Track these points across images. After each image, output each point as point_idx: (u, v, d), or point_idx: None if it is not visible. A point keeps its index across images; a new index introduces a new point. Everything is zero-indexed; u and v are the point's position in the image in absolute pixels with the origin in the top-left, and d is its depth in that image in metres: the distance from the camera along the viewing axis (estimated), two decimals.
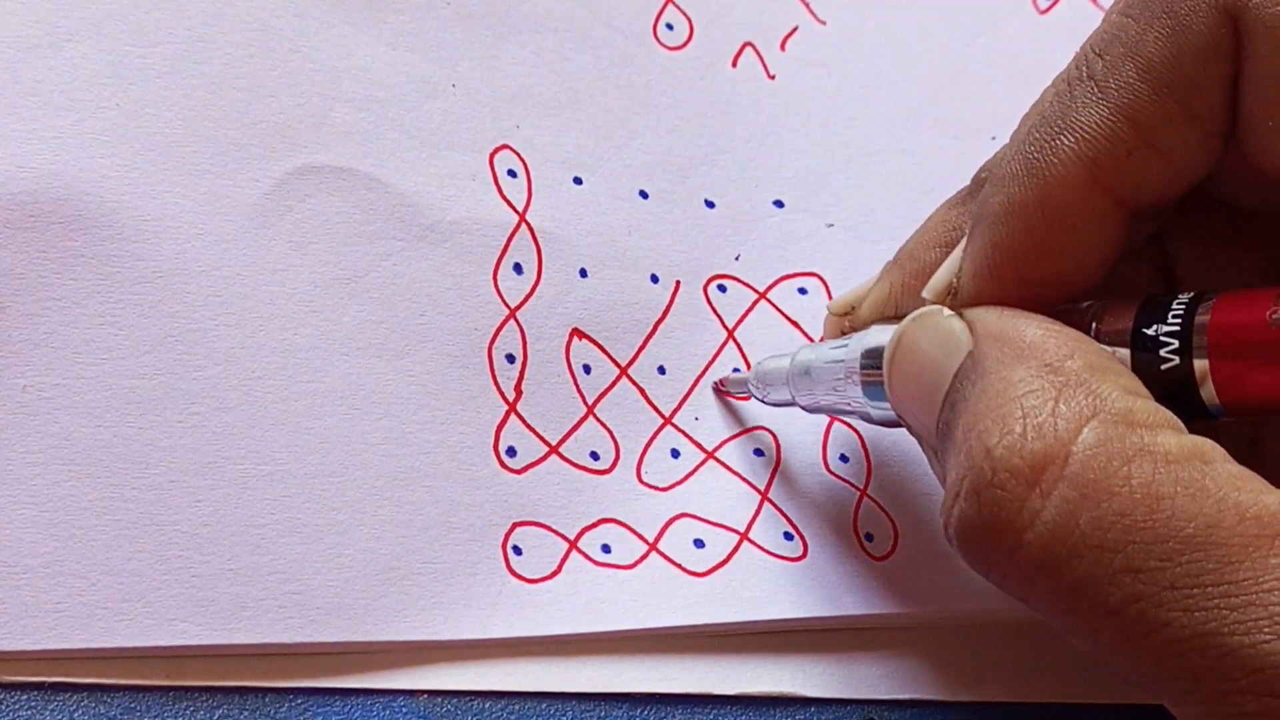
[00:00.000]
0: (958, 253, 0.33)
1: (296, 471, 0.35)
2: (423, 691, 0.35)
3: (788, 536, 0.38)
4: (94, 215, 0.36)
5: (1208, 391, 0.30)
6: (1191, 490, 0.27)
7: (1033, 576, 0.28)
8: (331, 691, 0.35)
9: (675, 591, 0.37)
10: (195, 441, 0.35)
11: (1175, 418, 0.28)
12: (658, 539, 0.37)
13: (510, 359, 0.38)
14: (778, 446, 0.39)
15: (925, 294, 0.34)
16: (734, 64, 0.43)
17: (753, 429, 0.39)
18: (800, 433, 0.39)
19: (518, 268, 0.39)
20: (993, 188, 0.32)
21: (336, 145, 0.38)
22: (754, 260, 0.41)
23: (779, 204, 0.42)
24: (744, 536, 0.38)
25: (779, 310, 0.41)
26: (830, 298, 0.41)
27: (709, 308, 0.40)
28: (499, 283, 0.39)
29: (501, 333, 0.38)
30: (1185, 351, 0.30)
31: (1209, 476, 0.27)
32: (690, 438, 0.39)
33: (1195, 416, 0.29)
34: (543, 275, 0.39)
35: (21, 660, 0.33)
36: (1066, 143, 0.31)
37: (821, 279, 0.41)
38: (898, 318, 0.34)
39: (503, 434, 0.37)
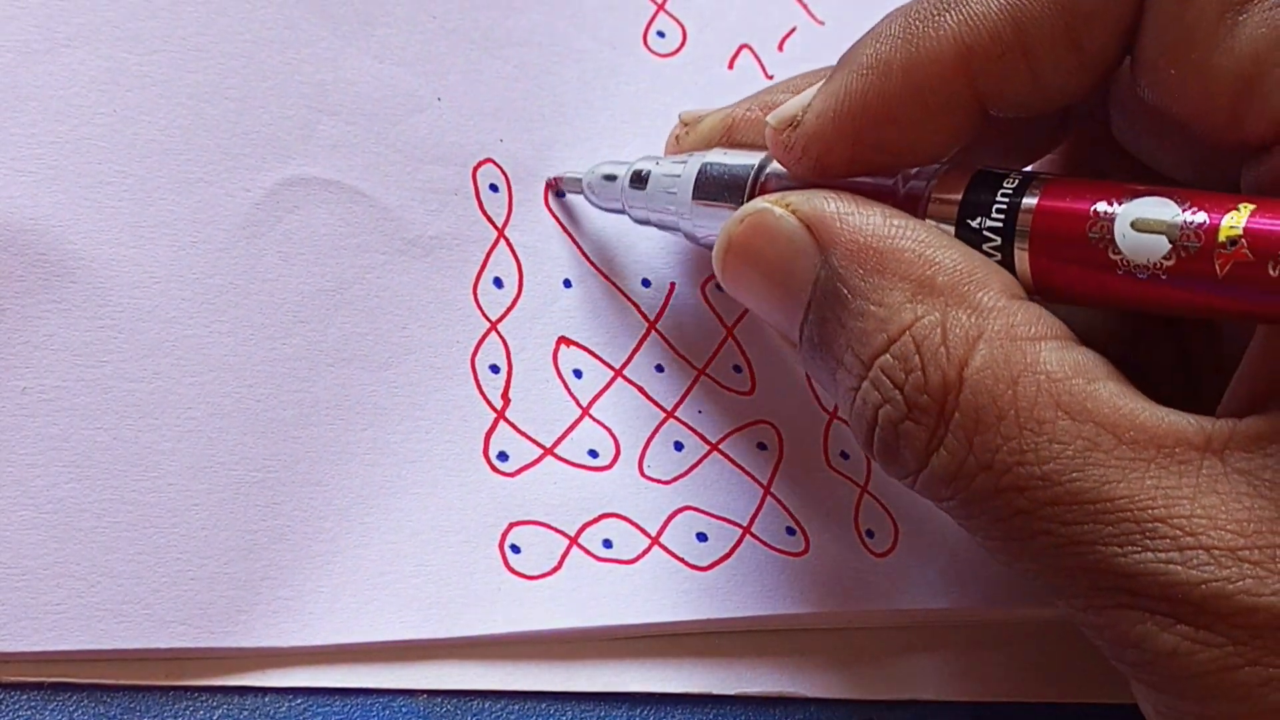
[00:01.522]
0: (812, 90, 0.35)
1: (285, 479, 0.37)
2: (422, 691, 0.37)
3: (790, 531, 0.40)
4: (90, 221, 0.37)
5: (1028, 286, 0.32)
6: (1073, 412, 0.30)
7: (936, 490, 0.31)
8: (331, 691, 0.36)
9: (677, 586, 0.39)
10: (191, 446, 0.37)
11: (1059, 324, 0.31)
12: (660, 532, 0.39)
13: (494, 369, 0.40)
14: (780, 441, 0.41)
15: (769, 119, 0.35)
16: (730, 66, 0.45)
17: (756, 423, 0.41)
18: (802, 428, 0.41)
19: (497, 281, 0.41)
20: (866, 39, 0.34)
21: (324, 157, 0.40)
22: None
23: None
24: (747, 530, 0.40)
25: None
26: None
27: (707, 306, 0.42)
28: (478, 297, 0.41)
29: (483, 345, 0.40)
30: (1008, 245, 0.32)
31: (1090, 397, 0.30)
32: (694, 430, 0.41)
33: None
34: (524, 288, 0.41)
35: (21, 661, 0.35)
36: (949, 20, 0.33)
37: None
38: (736, 144, 0.37)
39: (492, 440, 0.39)
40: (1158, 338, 0.38)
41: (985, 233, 0.32)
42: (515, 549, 0.38)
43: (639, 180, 0.39)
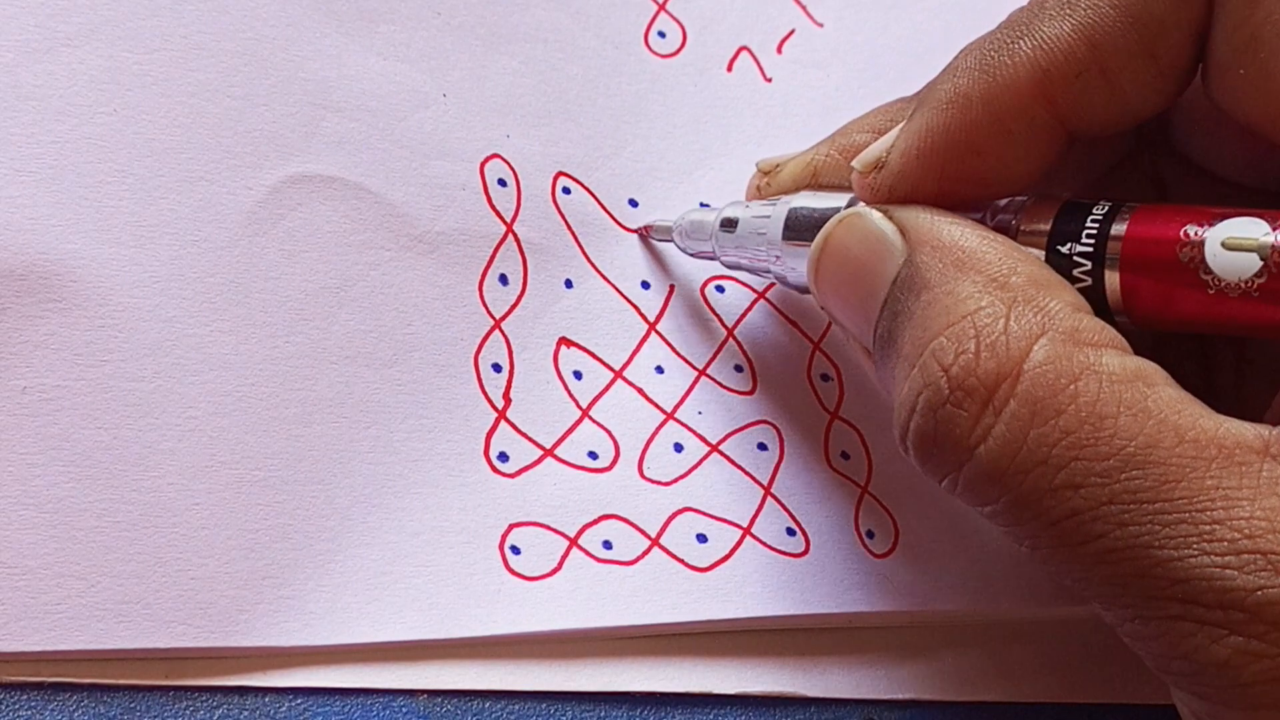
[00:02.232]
0: (895, 132, 0.35)
1: (287, 478, 0.37)
2: (423, 691, 0.37)
3: (790, 532, 0.40)
4: (91, 219, 0.37)
5: (1117, 308, 0.32)
6: (1134, 411, 0.29)
7: (982, 487, 0.31)
8: (331, 691, 0.36)
9: (677, 587, 0.38)
10: (192, 445, 0.37)
11: (1120, 337, 0.31)
12: (660, 534, 0.39)
13: (497, 368, 0.40)
14: (781, 441, 0.41)
15: (855, 164, 0.36)
16: (729, 68, 0.45)
17: (756, 423, 0.41)
18: (803, 428, 0.41)
19: (503, 278, 0.41)
20: (944, 75, 0.34)
21: (328, 154, 0.40)
22: None
23: None
24: (747, 531, 0.40)
25: (778, 310, 0.43)
26: None
27: (707, 308, 0.42)
28: (484, 294, 0.41)
29: (487, 343, 0.40)
30: (1098, 270, 0.32)
31: (1150, 399, 0.29)
32: (694, 431, 0.41)
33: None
34: (528, 286, 0.41)
35: (21, 661, 0.35)
36: (1024, 48, 0.33)
37: None
38: (820, 187, 0.37)
39: (493, 440, 0.39)
40: (1182, 354, 0.37)
41: (1075, 258, 0.32)
42: (515, 550, 0.38)
43: (729, 225, 0.39)
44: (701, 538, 0.39)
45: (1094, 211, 0.33)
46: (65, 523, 0.35)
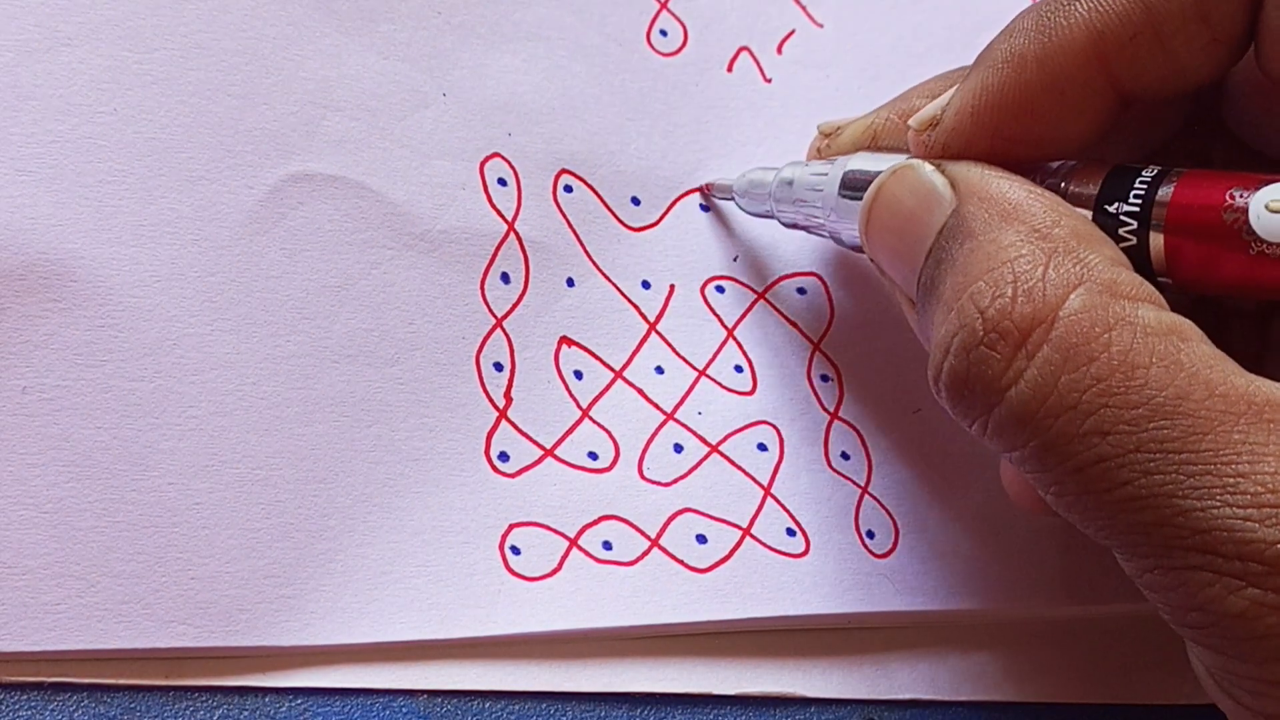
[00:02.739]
0: (951, 91, 0.35)
1: (289, 477, 0.37)
2: (423, 691, 0.37)
3: (790, 533, 0.40)
4: (92, 219, 0.37)
5: (1161, 269, 0.32)
6: (1166, 362, 0.29)
7: (1011, 432, 0.31)
8: (331, 691, 0.36)
9: (677, 588, 0.38)
10: (192, 445, 0.37)
11: (1157, 293, 0.31)
12: (660, 534, 0.39)
13: (498, 367, 0.40)
14: (781, 441, 0.41)
15: (911, 122, 0.36)
16: (730, 68, 0.45)
17: (756, 423, 0.41)
18: (803, 428, 0.41)
19: (505, 277, 0.41)
20: (1000, 36, 0.35)
21: (328, 153, 0.40)
22: (752, 262, 0.43)
23: None
24: (746, 532, 0.39)
25: (778, 310, 0.42)
26: (830, 296, 0.43)
27: (707, 308, 0.42)
28: (485, 292, 0.40)
29: (489, 342, 0.40)
30: (1143, 230, 0.32)
31: (1184, 352, 0.30)
32: (693, 431, 0.40)
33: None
34: (529, 285, 0.41)
35: (21, 661, 0.35)
36: (1079, 9, 0.33)
37: (821, 279, 0.43)
38: (879, 149, 0.37)
39: (494, 440, 0.39)
40: (1238, 316, 0.37)
41: (1122, 217, 0.33)
42: (515, 550, 0.38)
43: (787, 185, 0.39)
44: (701, 538, 0.39)
45: (1142, 174, 0.33)
46: (65, 523, 0.35)
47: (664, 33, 0.45)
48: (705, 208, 0.43)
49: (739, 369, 0.41)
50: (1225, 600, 0.28)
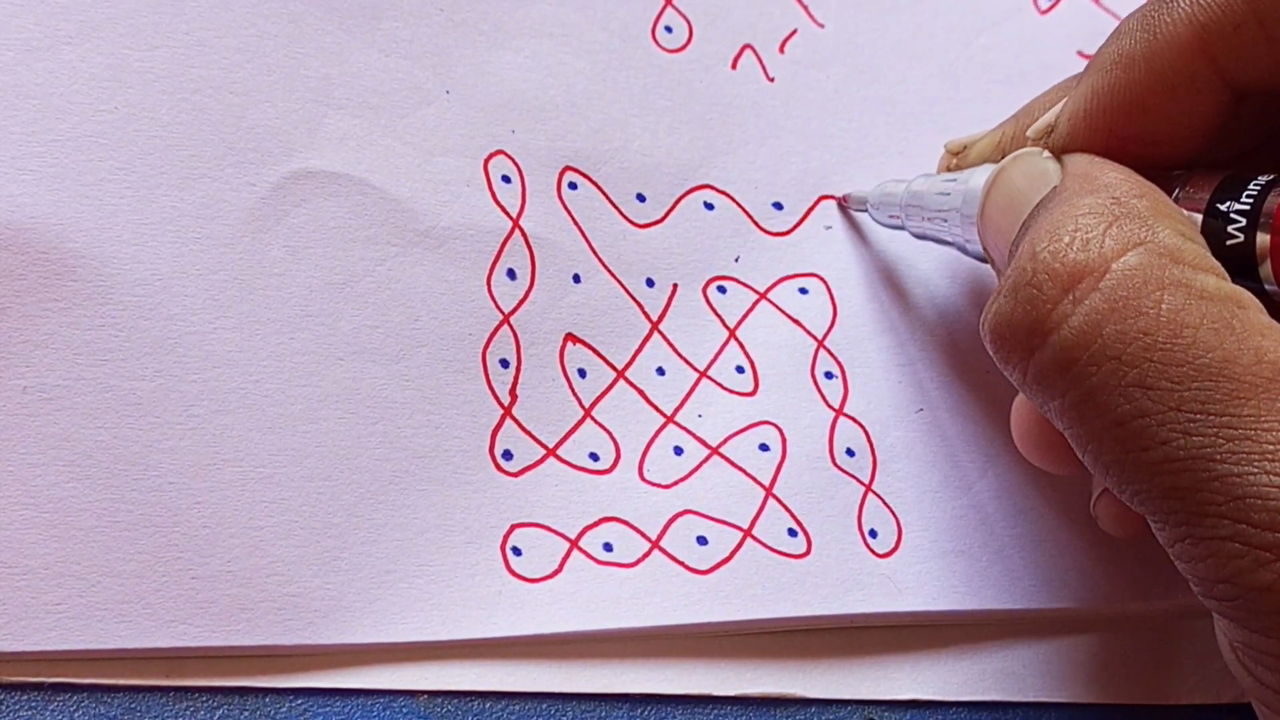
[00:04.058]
0: (1065, 100, 0.35)
1: (293, 474, 0.37)
2: (423, 692, 0.37)
3: (791, 533, 0.39)
4: (93, 217, 0.37)
5: (1265, 271, 0.32)
6: (1217, 326, 0.29)
7: (1051, 378, 0.30)
8: (331, 691, 0.36)
9: (677, 589, 0.38)
10: (194, 443, 0.36)
11: (1220, 267, 0.31)
12: (660, 536, 0.39)
13: (504, 364, 0.40)
14: (783, 440, 0.40)
15: (1029, 133, 0.36)
16: (733, 66, 0.44)
17: (759, 424, 0.41)
18: (806, 426, 0.41)
19: (511, 273, 0.40)
20: (1109, 39, 0.34)
21: (331, 151, 0.40)
22: (753, 262, 0.42)
23: (778, 206, 0.43)
24: (747, 533, 0.39)
25: (780, 310, 0.42)
26: (832, 297, 0.42)
27: (708, 308, 0.42)
28: (492, 288, 0.40)
29: (495, 338, 0.40)
30: (1250, 229, 0.32)
31: (1238, 318, 0.29)
32: (693, 434, 0.40)
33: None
34: (536, 281, 0.41)
35: (21, 660, 0.35)
36: (1182, 5, 0.33)
37: (822, 279, 0.42)
38: None
39: (498, 438, 0.39)
40: None
41: (1232, 214, 0.32)
42: (517, 551, 0.38)
43: (916, 197, 0.39)
44: (702, 540, 0.39)
45: (1258, 179, 0.33)
46: (66, 522, 0.35)
47: (669, 29, 0.44)
48: (710, 206, 0.43)
49: (740, 369, 0.41)
50: (1254, 573, 0.28)
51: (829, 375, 0.41)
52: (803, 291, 0.42)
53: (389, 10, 0.42)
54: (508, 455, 0.39)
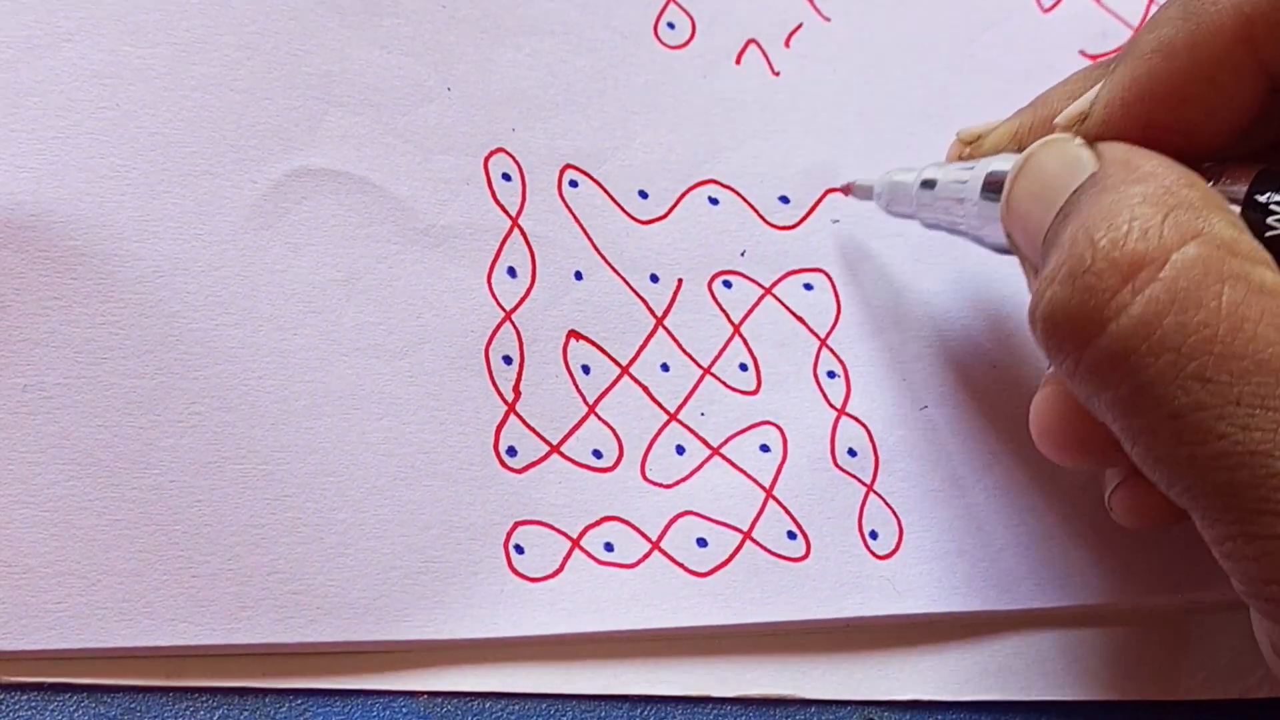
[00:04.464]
0: (1097, 88, 0.35)
1: (296, 471, 0.37)
2: (423, 692, 0.37)
3: (791, 535, 0.39)
4: (93, 215, 0.37)
5: None
6: (1277, 321, 0.29)
7: (1107, 369, 0.30)
8: (331, 692, 0.36)
9: (677, 591, 0.38)
10: (195, 441, 0.36)
11: (1273, 260, 0.30)
12: (660, 537, 0.39)
13: (507, 360, 0.39)
14: (784, 441, 0.40)
15: (1059, 120, 0.35)
16: (738, 61, 0.44)
17: (760, 424, 0.40)
18: (808, 427, 0.41)
19: (511, 271, 0.40)
20: (1147, 27, 0.34)
21: (331, 148, 0.40)
22: (759, 256, 0.42)
23: (784, 200, 0.43)
24: (747, 536, 0.39)
25: (785, 306, 0.42)
26: (836, 292, 0.42)
27: (714, 303, 0.41)
28: (493, 286, 0.40)
29: (498, 335, 0.40)
30: None
31: None
32: (695, 433, 0.40)
33: None
34: (536, 278, 0.40)
35: (21, 660, 0.35)
36: None
37: (827, 274, 0.42)
38: (1022, 149, 0.36)
39: (502, 434, 0.39)
40: None
41: (1271, 206, 0.32)
42: (519, 549, 0.38)
43: (929, 185, 0.39)
44: (701, 542, 0.39)
45: None
46: (66, 521, 0.35)
47: (671, 25, 0.44)
48: (715, 200, 0.42)
49: (744, 367, 0.41)
50: None
51: (831, 375, 0.41)
52: (807, 287, 0.42)
53: (390, 7, 0.41)
54: (512, 451, 0.39)
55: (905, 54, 0.45)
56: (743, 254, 0.42)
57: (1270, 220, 0.32)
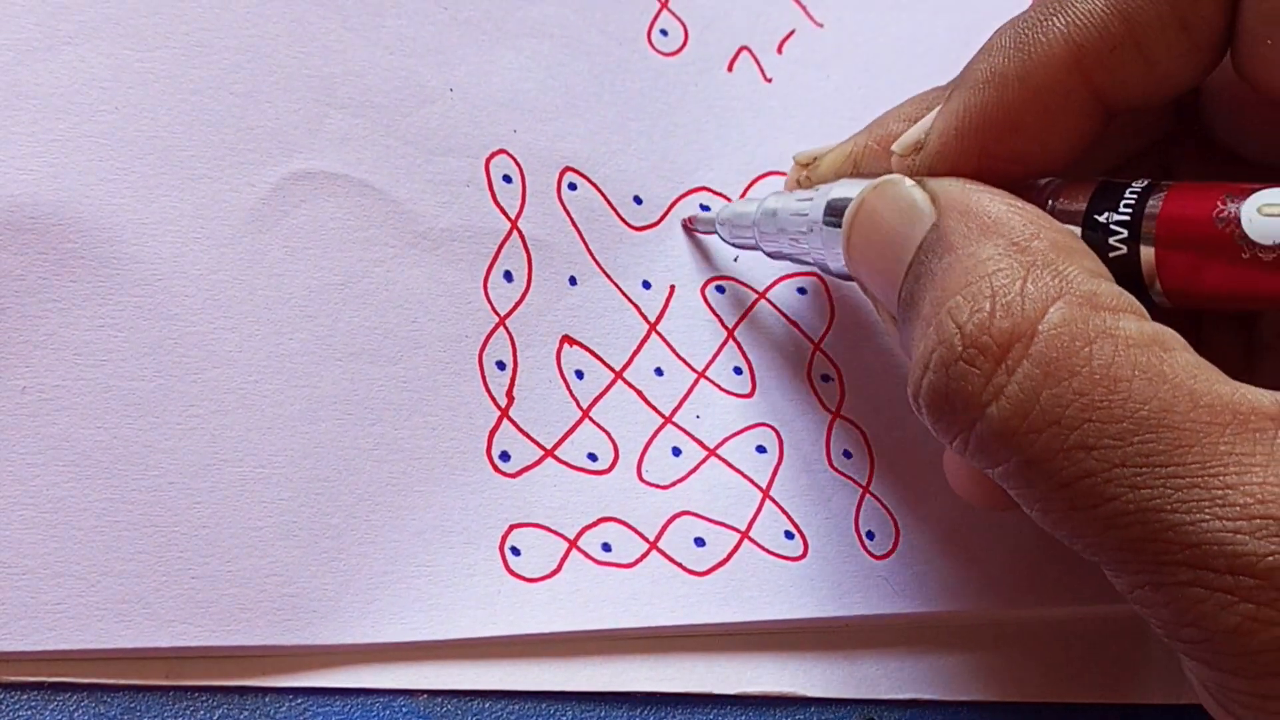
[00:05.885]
0: (933, 115, 0.35)
1: (291, 475, 0.37)
2: (422, 691, 0.36)
3: (788, 535, 0.39)
4: (92, 218, 0.37)
5: (1151, 279, 0.32)
6: (1149, 375, 0.29)
7: (993, 447, 0.30)
8: (331, 691, 0.36)
9: (675, 591, 0.38)
10: (193, 444, 0.36)
11: (1138, 303, 0.30)
12: (658, 537, 0.39)
13: (500, 366, 0.39)
14: (780, 443, 0.40)
15: (895, 148, 0.35)
16: (730, 68, 0.44)
17: (756, 425, 0.40)
18: (803, 429, 0.41)
19: (508, 275, 0.40)
20: (979, 56, 0.34)
21: (331, 151, 0.39)
22: (752, 262, 0.42)
23: None
24: (745, 535, 0.39)
25: (779, 310, 0.42)
26: (830, 297, 0.42)
27: (707, 308, 0.41)
28: (489, 290, 0.40)
29: (491, 340, 0.40)
30: (1133, 241, 0.32)
31: (1166, 363, 0.29)
32: (691, 435, 0.40)
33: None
34: (532, 283, 0.40)
35: (21, 660, 0.34)
36: (1057, 24, 0.33)
37: (821, 279, 0.42)
38: (861, 176, 0.36)
39: (495, 439, 0.39)
40: (1217, 327, 0.37)
41: (1112, 227, 0.32)
42: (515, 551, 0.38)
43: (771, 216, 0.38)
44: (699, 541, 0.39)
45: (1131, 186, 0.32)
46: (65, 522, 0.35)
47: (664, 32, 0.44)
48: (706, 207, 0.42)
49: (738, 371, 0.41)
50: (1218, 616, 0.28)
51: (825, 378, 0.41)
52: (801, 291, 0.42)
53: (392, 9, 0.41)
54: (505, 456, 0.38)
55: (897, 60, 0.45)
56: (735, 259, 0.42)
57: (1112, 240, 0.32)
